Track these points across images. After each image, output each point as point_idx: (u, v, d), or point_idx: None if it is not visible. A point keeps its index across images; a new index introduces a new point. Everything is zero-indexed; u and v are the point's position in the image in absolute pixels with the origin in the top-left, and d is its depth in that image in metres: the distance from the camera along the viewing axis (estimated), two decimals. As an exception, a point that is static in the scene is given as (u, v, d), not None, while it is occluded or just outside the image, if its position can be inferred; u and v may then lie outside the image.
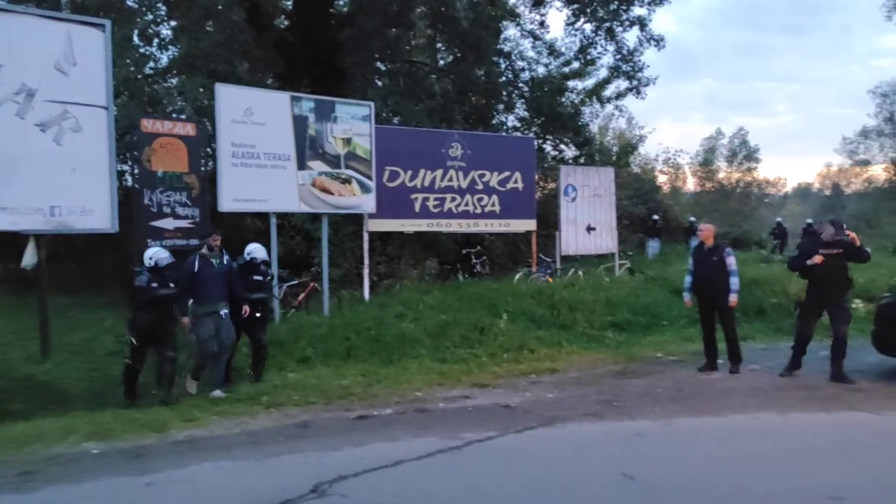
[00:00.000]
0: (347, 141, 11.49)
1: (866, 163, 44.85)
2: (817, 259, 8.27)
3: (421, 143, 13.08)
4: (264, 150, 10.55)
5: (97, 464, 5.68)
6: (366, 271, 12.08)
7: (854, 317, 12.07)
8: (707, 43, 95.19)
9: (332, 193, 11.31)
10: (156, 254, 8.00)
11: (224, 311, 8.21)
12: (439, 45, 19.61)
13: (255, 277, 8.65)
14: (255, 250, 8.74)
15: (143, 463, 5.66)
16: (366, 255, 12.11)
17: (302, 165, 10.96)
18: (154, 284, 7.78)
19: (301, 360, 9.19)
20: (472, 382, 8.48)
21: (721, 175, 47.78)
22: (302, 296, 11.73)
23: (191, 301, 8.14)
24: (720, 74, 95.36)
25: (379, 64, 17.70)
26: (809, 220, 28.55)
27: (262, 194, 10.59)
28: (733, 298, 8.81)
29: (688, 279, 9.29)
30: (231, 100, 10.34)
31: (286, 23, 18.97)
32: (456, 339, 10.16)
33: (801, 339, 8.69)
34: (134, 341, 7.90)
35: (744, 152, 48.11)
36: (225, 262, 8.44)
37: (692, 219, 25.66)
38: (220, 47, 14.77)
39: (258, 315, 8.52)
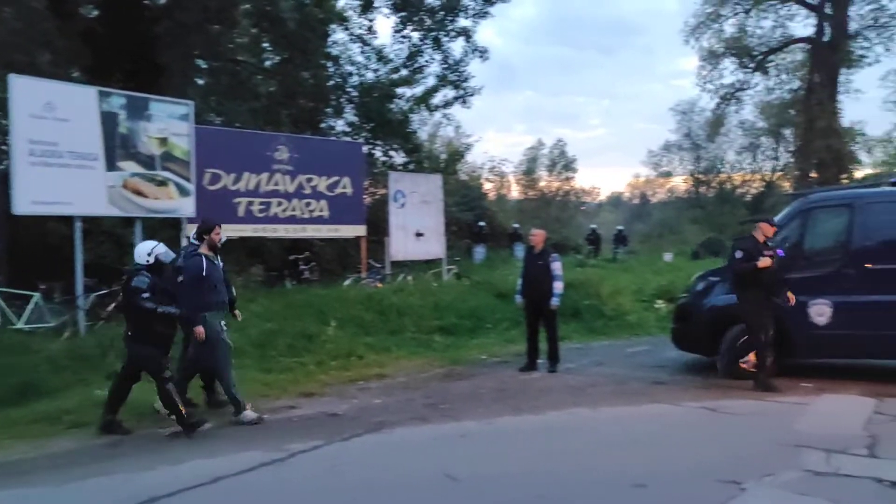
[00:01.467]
0: (163, 141, 10.85)
1: (668, 174, 48.96)
2: (767, 261, 7.82)
3: (245, 145, 12.64)
4: (68, 149, 9.70)
5: None
6: (185, 279, 11.43)
7: (657, 315, 13.22)
8: (528, 57, 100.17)
9: (146, 196, 10.63)
10: (155, 248, 6.77)
11: (224, 322, 7.22)
12: (265, 44, 19.05)
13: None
14: None
15: (-76, 495, 5.02)
16: (185, 261, 11.47)
17: (112, 166, 10.20)
18: (150, 304, 6.42)
19: (109, 375, 8.47)
20: (298, 392, 8.27)
21: (542, 184, 50.22)
22: (112, 306, 10.90)
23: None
24: (540, 88, 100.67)
25: (200, 61, 16.89)
26: (620, 227, 30.70)
27: (65, 196, 9.74)
28: (555, 302, 9.21)
29: (519, 282, 9.63)
30: (28, 92, 9.42)
31: (95, 13, 17.57)
32: (282, 347, 9.89)
33: (765, 348, 8.04)
34: (147, 348, 6.61)
35: (562, 162, 50.75)
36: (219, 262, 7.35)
37: (516, 225, 26.76)
38: (17, 36, 13.41)
39: None
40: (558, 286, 9.20)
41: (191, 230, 11.42)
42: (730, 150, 41.91)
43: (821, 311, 8.20)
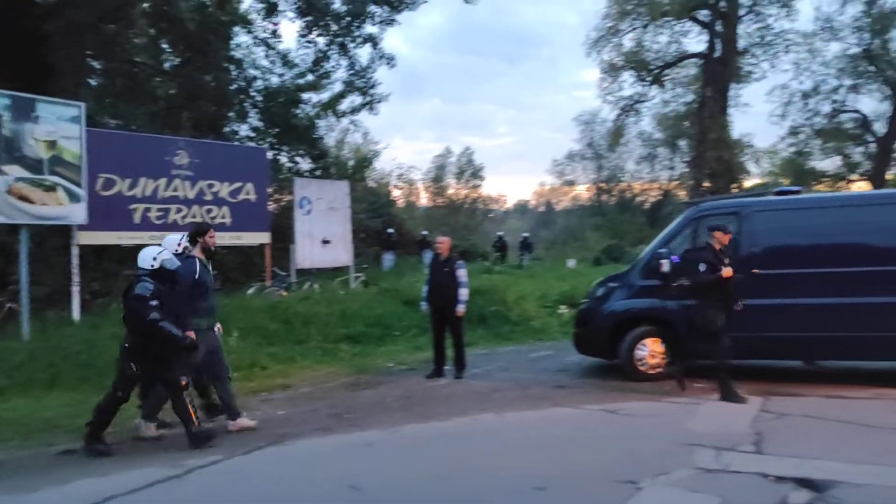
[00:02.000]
0: (52, 144, 10.29)
1: (572, 183, 50.50)
2: (730, 271, 7.71)
3: (142, 149, 12.15)
4: (-55, 152, 9.08)
5: None
6: (75, 289, 10.89)
7: (560, 321, 13.52)
8: (435, 65, 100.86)
9: (32, 202, 10.05)
10: (161, 253, 6.38)
11: (219, 325, 7.11)
12: (164, 46, 18.41)
13: None
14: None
15: None
16: (75, 270, 10.92)
17: (-6, 170, 9.61)
18: (155, 314, 6.09)
19: (-2, 391, 8.03)
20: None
21: (451, 191, 50.79)
22: (-3, 317, 10.27)
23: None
24: (447, 96, 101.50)
25: (94, 62, 16.14)
26: (526, 234, 31.31)
27: (-58, 202, 9.10)
28: (460, 309, 9.26)
29: (425, 289, 9.63)
30: None
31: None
32: (181, 359, 9.53)
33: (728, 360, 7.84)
34: (134, 367, 6.25)
35: (470, 170, 51.59)
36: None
37: (425, 232, 26.87)
38: None
39: None
40: (464, 293, 9.27)
41: (82, 238, 10.97)
42: (629, 160, 43.80)
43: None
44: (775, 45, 32.14)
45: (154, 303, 6.14)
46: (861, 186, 32.45)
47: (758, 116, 73.22)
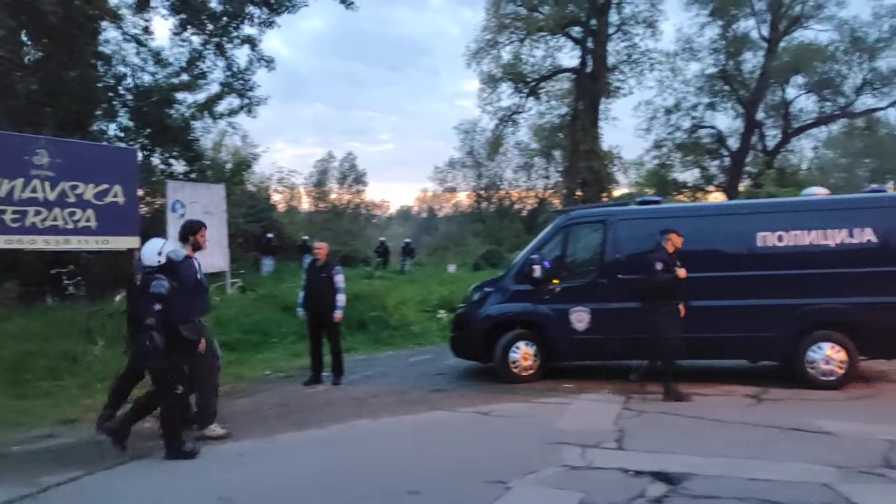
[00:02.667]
0: None
1: (453, 190, 51.16)
2: (684, 272, 8.04)
3: (-4, 147, 11.34)
4: None
5: None
6: (-81, 297, 10.06)
7: (439, 325, 13.74)
8: (317, 69, 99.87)
9: None
10: (164, 247, 6.18)
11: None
12: (25, 38, 17.21)
13: None
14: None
15: None
16: (-81, 278, 10.09)
17: None
18: (151, 321, 5.89)
19: None
20: (57, 419, 7.57)
21: (333, 196, 50.33)
22: None
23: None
24: (330, 101, 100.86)
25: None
26: (407, 240, 31.54)
27: None
28: (338, 314, 9.25)
29: (301, 294, 9.54)
30: None
31: None
32: (41, 370, 9.03)
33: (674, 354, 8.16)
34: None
35: (353, 175, 51.37)
36: None
37: (305, 237, 26.51)
38: None
39: None
40: (341, 299, 9.26)
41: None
42: (508, 169, 44.82)
43: (580, 318, 9.01)
44: (641, 63, 33.95)
45: (157, 306, 5.97)
46: (716, 197, 34.75)
47: (625, 130, 77.85)
